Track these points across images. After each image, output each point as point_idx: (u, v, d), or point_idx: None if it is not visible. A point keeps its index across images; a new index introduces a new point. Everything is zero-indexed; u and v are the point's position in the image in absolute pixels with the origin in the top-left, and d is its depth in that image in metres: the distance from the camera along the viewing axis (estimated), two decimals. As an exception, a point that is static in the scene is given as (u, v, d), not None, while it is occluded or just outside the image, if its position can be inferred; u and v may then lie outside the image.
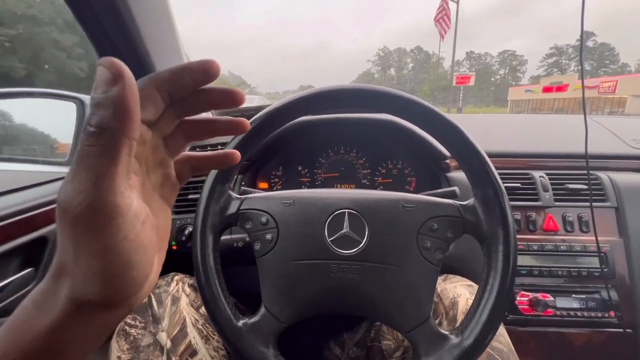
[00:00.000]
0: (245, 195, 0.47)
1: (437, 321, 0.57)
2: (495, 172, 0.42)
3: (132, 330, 0.51)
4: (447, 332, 0.41)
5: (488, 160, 0.42)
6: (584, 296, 0.74)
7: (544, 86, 27.78)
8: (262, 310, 0.44)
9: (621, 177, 0.79)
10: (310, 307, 0.44)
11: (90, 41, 0.67)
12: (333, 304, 0.45)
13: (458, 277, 0.64)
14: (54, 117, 0.81)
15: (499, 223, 0.41)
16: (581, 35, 0.67)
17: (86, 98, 0.79)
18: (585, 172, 0.78)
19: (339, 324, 0.78)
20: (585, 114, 0.72)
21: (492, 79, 75.50)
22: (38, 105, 0.77)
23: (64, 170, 0.77)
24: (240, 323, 0.43)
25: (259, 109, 0.97)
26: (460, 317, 0.54)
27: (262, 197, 0.47)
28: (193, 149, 0.90)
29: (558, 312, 0.74)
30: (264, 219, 0.45)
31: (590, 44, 59.80)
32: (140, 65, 0.72)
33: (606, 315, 0.73)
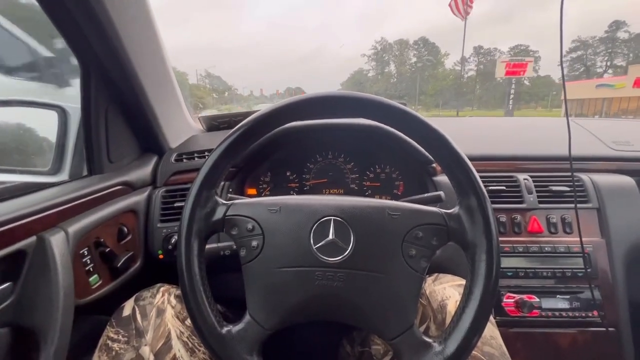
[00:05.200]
0: (232, 201, 0.47)
1: (425, 325, 0.57)
2: (480, 181, 0.42)
3: (115, 345, 0.50)
4: (430, 340, 0.41)
5: (473, 169, 0.42)
6: (568, 296, 0.75)
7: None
8: (247, 317, 0.44)
9: (602, 179, 0.81)
10: (295, 314, 0.44)
11: (71, 50, 0.66)
12: (318, 311, 0.45)
13: (448, 277, 0.64)
14: (34, 127, 0.79)
15: (483, 232, 0.41)
16: (560, 40, 0.68)
17: (68, 107, 0.77)
18: (568, 174, 0.80)
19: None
20: (567, 117, 0.73)
21: (500, 79, 68.12)
22: (16, 115, 0.75)
23: (46, 179, 0.75)
24: (224, 330, 0.43)
25: (246, 114, 0.96)
26: (448, 321, 0.54)
27: (249, 203, 0.47)
28: (179, 156, 0.89)
29: (543, 313, 0.75)
30: (250, 226, 0.45)
31: (622, 34, 48.75)
32: (123, 71, 0.71)
33: (590, 314, 0.75)
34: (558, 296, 0.76)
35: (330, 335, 0.79)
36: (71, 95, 0.75)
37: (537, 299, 0.75)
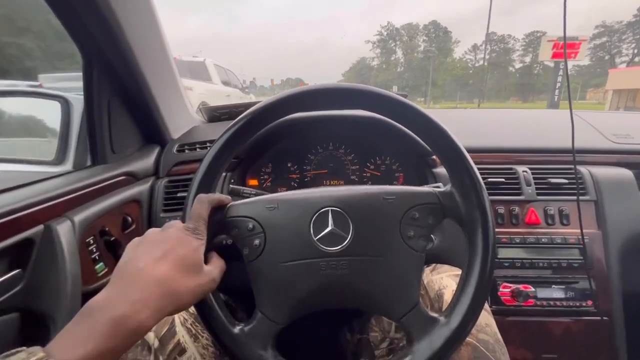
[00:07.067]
0: (230, 203, 0.48)
1: None
2: (469, 157, 0.44)
3: None
4: (435, 315, 0.43)
5: (461, 146, 0.44)
6: (563, 286, 0.77)
7: None
8: (258, 314, 0.44)
9: (601, 171, 0.82)
10: (304, 306, 0.45)
11: (73, 41, 0.66)
12: (326, 300, 0.46)
13: (446, 267, 0.66)
14: (38, 116, 0.80)
15: (476, 206, 0.43)
16: (564, 33, 0.68)
17: (71, 97, 0.78)
18: (568, 166, 0.81)
19: (350, 311, 0.80)
20: (571, 110, 0.73)
21: (511, 69, 57.79)
22: (21, 104, 0.76)
23: (50, 170, 0.76)
24: (237, 329, 0.43)
25: (248, 105, 0.97)
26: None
27: (246, 203, 0.47)
28: (181, 147, 0.90)
29: (538, 302, 0.77)
30: (250, 225, 0.45)
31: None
32: (125, 63, 0.71)
33: (584, 304, 0.76)
34: (553, 286, 0.77)
35: (331, 324, 0.81)
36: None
37: (533, 289, 0.76)
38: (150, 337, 0.51)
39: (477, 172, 0.43)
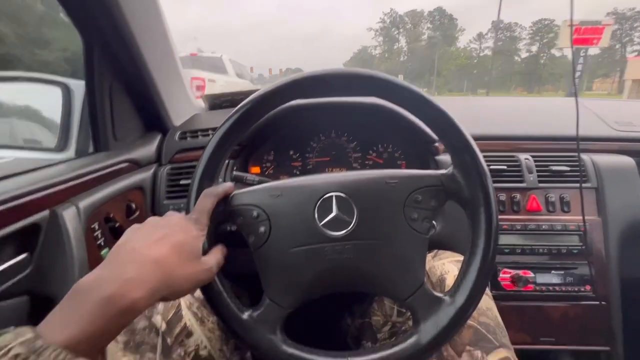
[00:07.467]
0: (234, 192, 0.48)
1: None
2: (471, 138, 0.44)
3: None
4: (440, 295, 0.44)
5: (464, 129, 0.44)
6: (562, 272, 0.78)
7: None
8: (266, 300, 0.45)
9: (602, 159, 0.82)
10: (311, 290, 0.46)
11: (74, 25, 0.66)
12: (332, 285, 0.47)
13: (448, 253, 0.66)
14: (39, 103, 0.80)
15: (478, 186, 0.43)
16: (571, 22, 0.67)
17: (72, 83, 0.77)
18: (570, 154, 0.81)
19: (350, 296, 0.82)
20: (576, 97, 0.73)
21: (517, 58, 56.90)
22: (23, 90, 0.76)
23: (52, 156, 0.76)
24: (246, 315, 0.44)
25: (249, 93, 0.96)
26: None
27: (250, 192, 0.48)
28: (183, 135, 0.90)
29: (538, 288, 0.78)
30: (254, 213, 0.46)
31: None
32: (127, 50, 0.71)
33: (582, 289, 0.78)
34: (553, 272, 0.78)
35: (333, 308, 0.82)
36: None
37: (532, 274, 0.78)
38: (158, 320, 0.52)
39: (480, 154, 0.44)
